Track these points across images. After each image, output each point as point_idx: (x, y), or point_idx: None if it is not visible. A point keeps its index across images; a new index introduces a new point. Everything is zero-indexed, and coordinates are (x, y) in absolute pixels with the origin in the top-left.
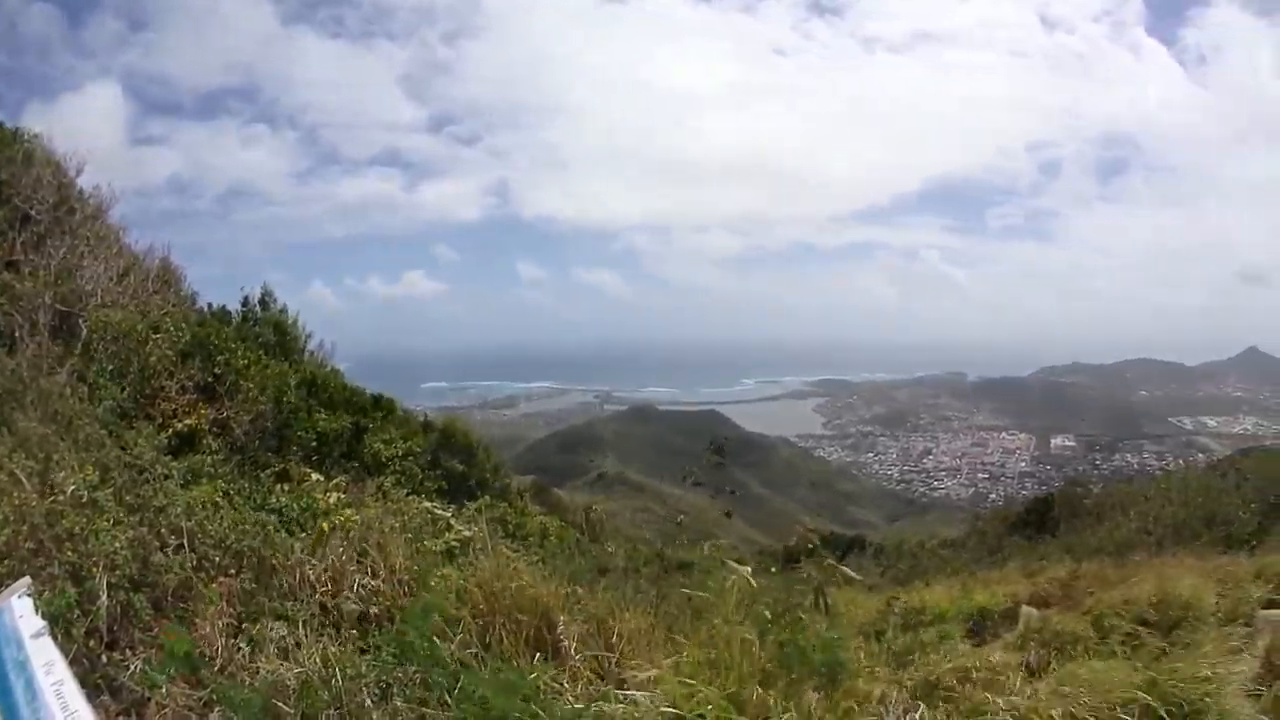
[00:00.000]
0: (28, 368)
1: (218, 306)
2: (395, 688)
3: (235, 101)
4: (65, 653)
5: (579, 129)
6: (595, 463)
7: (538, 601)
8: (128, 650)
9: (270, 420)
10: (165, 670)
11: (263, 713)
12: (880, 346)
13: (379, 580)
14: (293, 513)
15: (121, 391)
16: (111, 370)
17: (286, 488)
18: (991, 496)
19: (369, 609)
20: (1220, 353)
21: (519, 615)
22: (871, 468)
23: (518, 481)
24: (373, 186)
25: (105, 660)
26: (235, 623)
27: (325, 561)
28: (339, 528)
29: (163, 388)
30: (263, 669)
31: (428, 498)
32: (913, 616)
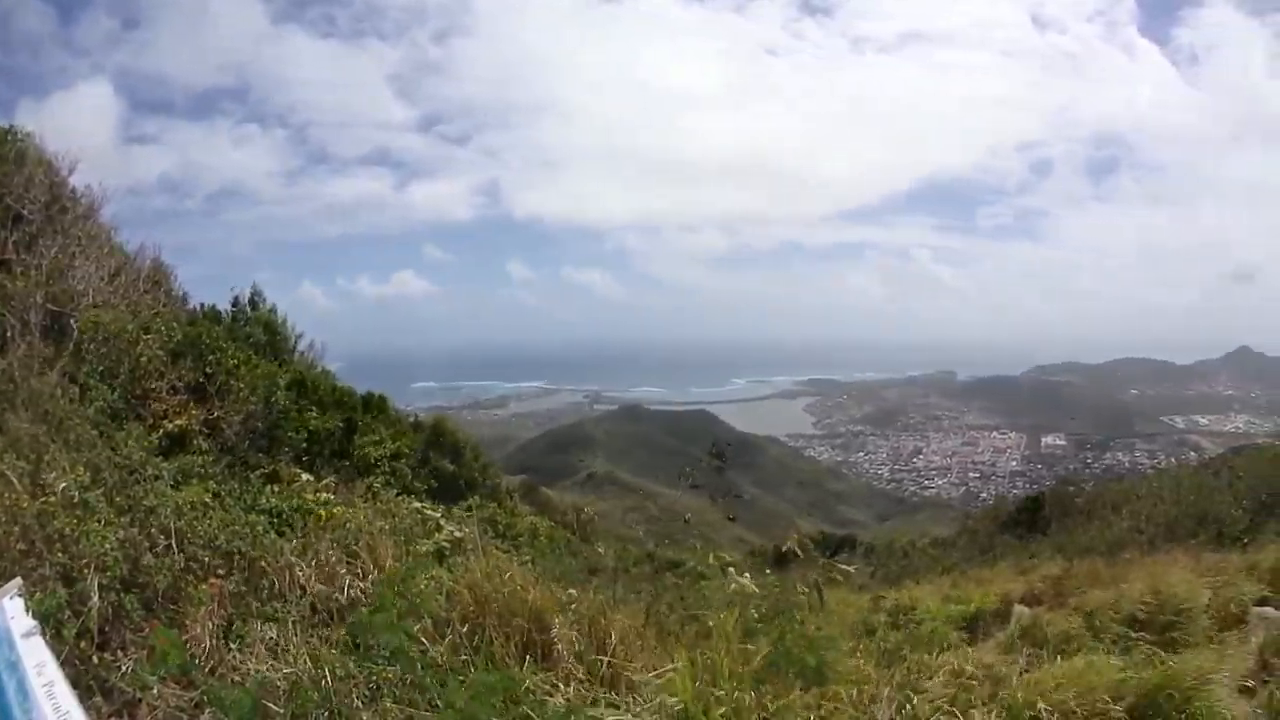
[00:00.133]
0: (19, 368)
1: (208, 306)
2: (385, 689)
3: (226, 101)
4: (57, 654)
5: (569, 129)
6: (585, 463)
7: (529, 604)
8: (119, 651)
9: (261, 420)
10: (156, 671)
11: (252, 713)
12: (870, 346)
13: (369, 581)
14: (283, 513)
15: (112, 392)
16: (102, 371)
17: (276, 488)
18: (982, 496)
19: (360, 609)
20: (1212, 352)
21: (510, 618)
22: (862, 467)
23: (508, 481)
24: (363, 186)
25: (97, 661)
26: (225, 623)
27: (315, 562)
28: (329, 524)
29: (153, 388)
30: (253, 669)
31: (417, 498)
32: (903, 615)
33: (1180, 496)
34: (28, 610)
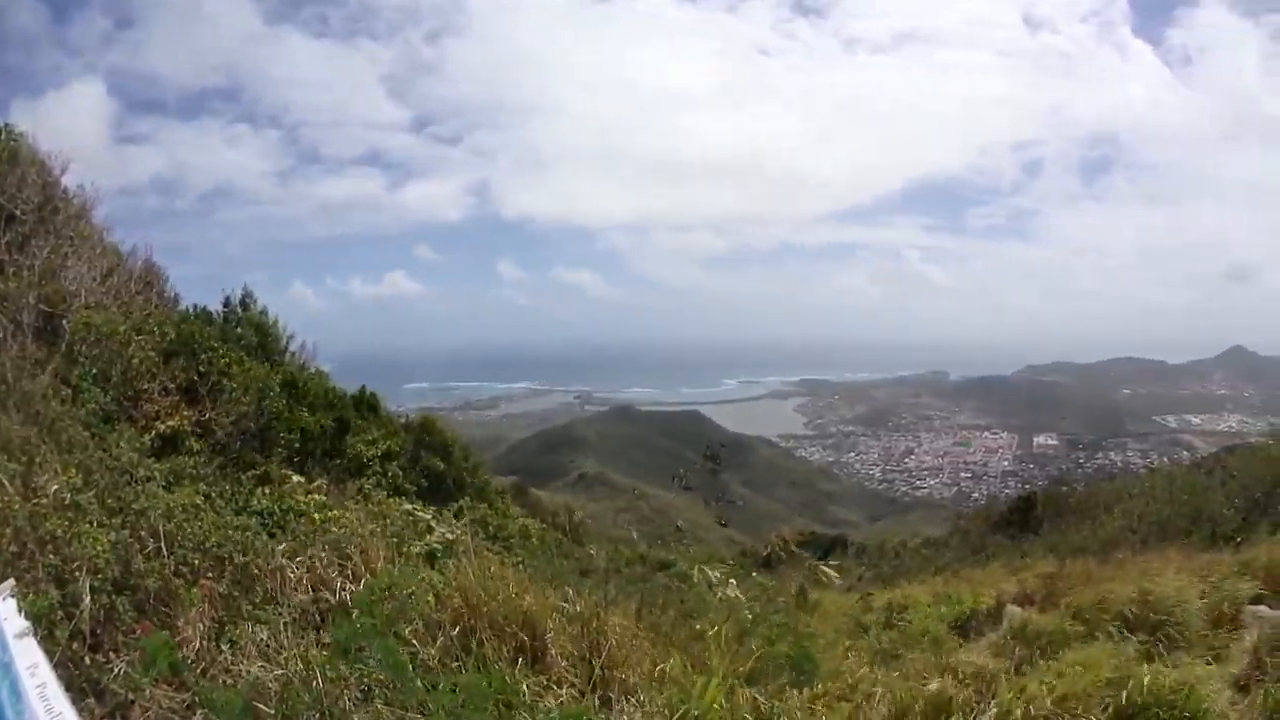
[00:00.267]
0: (11, 369)
1: (199, 307)
2: (376, 691)
3: (219, 101)
4: (49, 655)
5: (561, 129)
6: (576, 464)
7: (521, 609)
8: (111, 653)
9: (252, 421)
10: (148, 673)
11: (243, 714)
12: (862, 346)
13: (361, 584)
14: (274, 515)
15: (105, 394)
16: (95, 373)
17: (268, 489)
18: (974, 496)
19: (351, 611)
20: (1205, 351)
21: (502, 622)
22: (853, 467)
23: (499, 482)
24: (355, 186)
25: (89, 663)
26: (217, 625)
27: (307, 565)
28: (321, 527)
29: (145, 389)
30: (244, 671)
31: (408, 499)
32: (896, 615)
33: (1173, 496)
34: (20, 612)
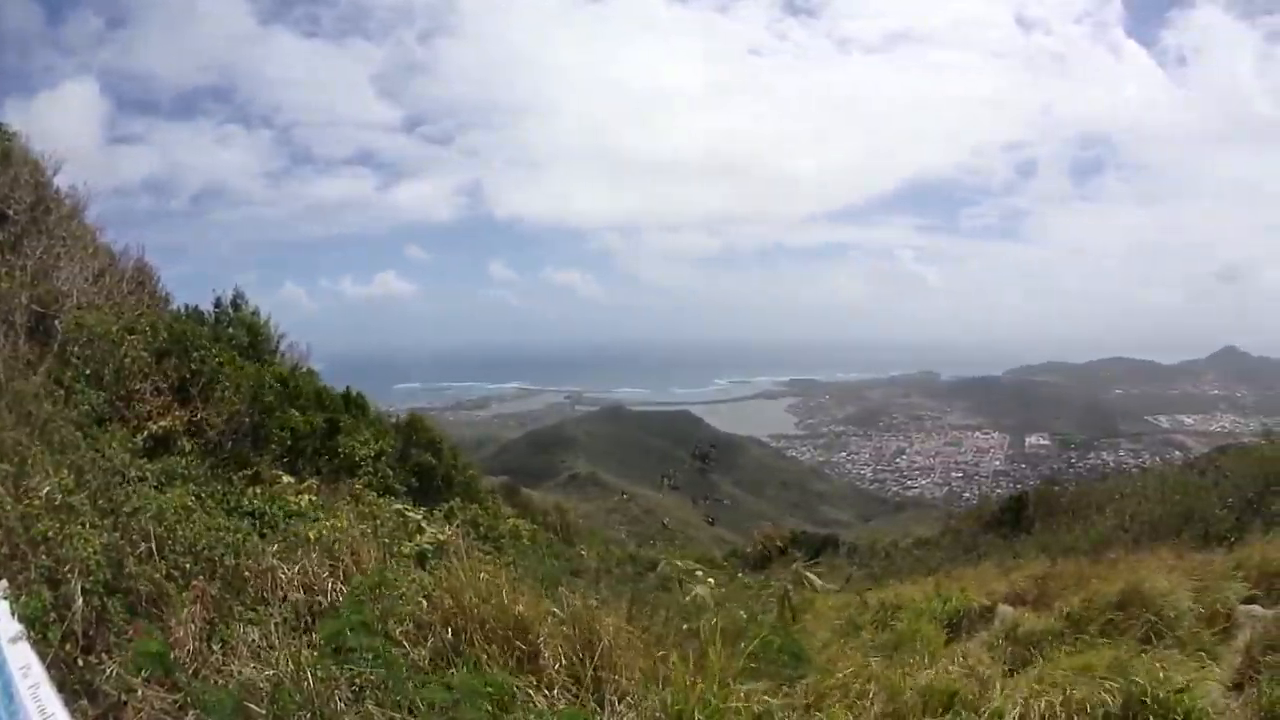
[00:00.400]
0: (3, 369)
1: (191, 307)
2: (368, 691)
3: (211, 101)
4: (42, 656)
5: (553, 129)
6: (567, 464)
7: (512, 611)
8: (103, 654)
9: (245, 420)
10: (140, 673)
11: (234, 714)
12: (853, 346)
13: (353, 585)
14: (265, 515)
15: (97, 395)
16: (88, 374)
17: (259, 489)
18: (966, 495)
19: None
20: (1197, 352)
21: (493, 623)
22: (844, 467)
23: (490, 482)
24: (346, 186)
25: (82, 664)
26: (208, 626)
27: (297, 566)
28: (312, 528)
29: (138, 389)
30: (235, 671)
31: (399, 499)
32: (888, 614)
33: (1165, 495)
34: (13, 613)
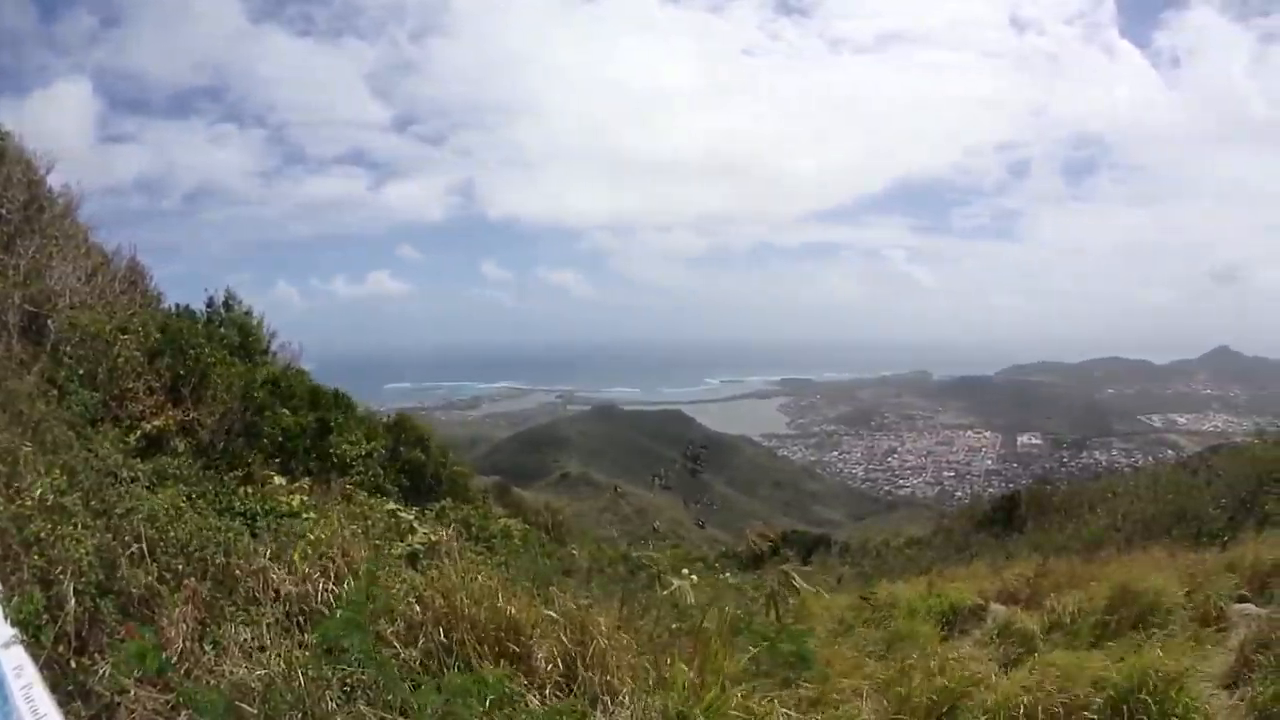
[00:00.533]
0: None
1: (182, 307)
2: (359, 691)
3: (204, 100)
4: (34, 658)
5: (545, 128)
6: (559, 463)
7: (504, 612)
8: (96, 655)
9: (237, 419)
10: (132, 673)
11: (227, 714)
12: (844, 346)
13: (345, 586)
14: (256, 516)
15: (90, 394)
16: (81, 373)
17: (251, 490)
18: (957, 494)
19: (334, 613)
20: (1190, 351)
21: (485, 623)
22: (836, 467)
23: (481, 482)
24: (339, 186)
25: (74, 665)
26: (200, 626)
27: (289, 566)
28: (304, 528)
29: (130, 388)
30: (227, 671)
31: (391, 499)
32: (882, 613)
33: (1158, 495)
34: (5, 615)
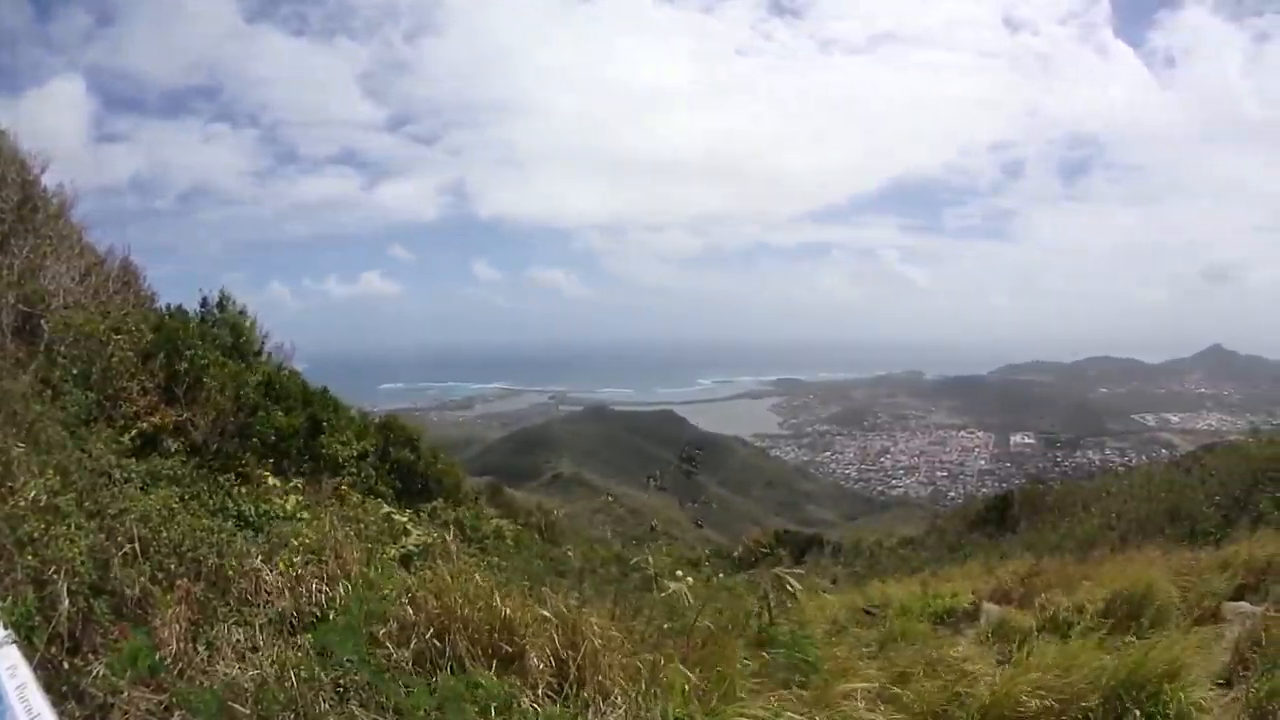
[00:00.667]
0: None
1: (175, 307)
2: (352, 692)
3: (198, 99)
4: (28, 658)
5: (538, 128)
6: (551, 464)
7: (498, 613)
8: (89, 656)
9: (231, 419)
10: (126, 674)
11: (220, 714)
12: (837, 346)
13: (340, 588)
14: (250, 517)
15: (84, 395)
16: (75, 374)
17: (244, 490)
18: (951, 494)
19: (327, 614)
20: (1184, 350)
21: (478, 623)
22: (829, 467)
23: (474, 483)
24: (331, 186)
25: (68, 666)
26: (193, 627)
27: (282, 567)
28: (297, 529)
29: (124, 389)
30: (220, 672)
31: (385, 500)
32: (875, 613)
33: (1152, 494)
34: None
